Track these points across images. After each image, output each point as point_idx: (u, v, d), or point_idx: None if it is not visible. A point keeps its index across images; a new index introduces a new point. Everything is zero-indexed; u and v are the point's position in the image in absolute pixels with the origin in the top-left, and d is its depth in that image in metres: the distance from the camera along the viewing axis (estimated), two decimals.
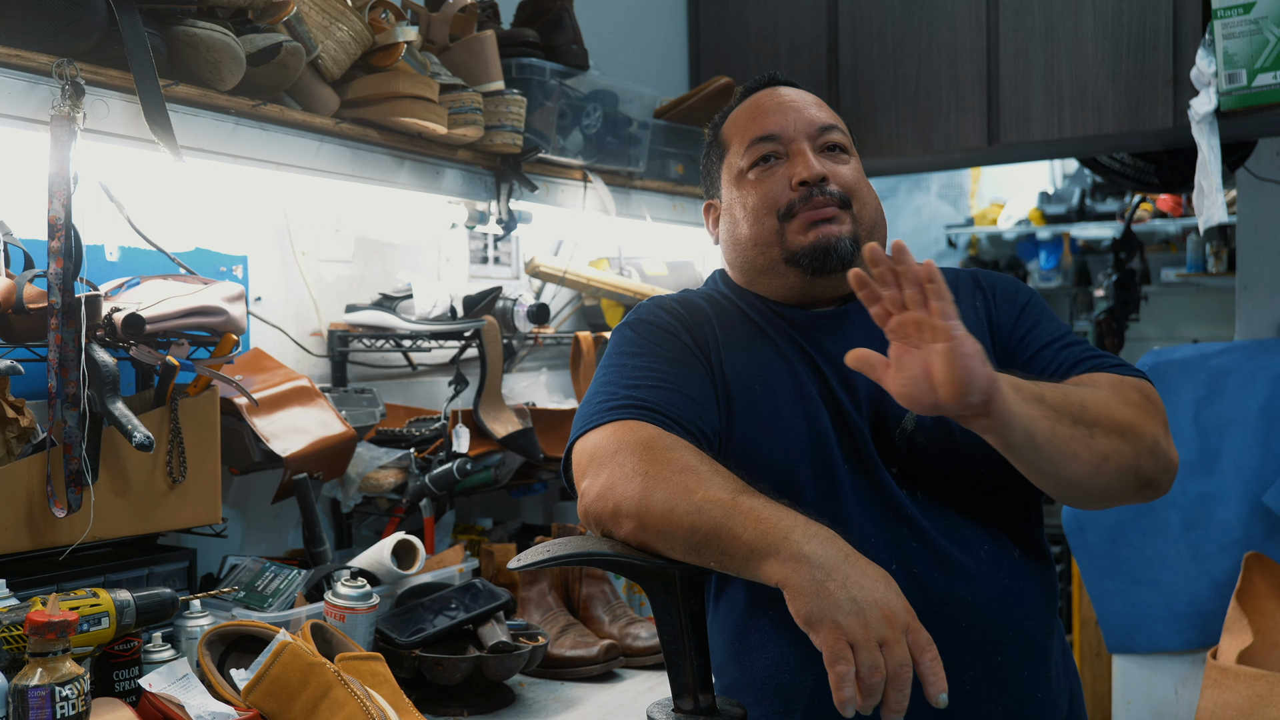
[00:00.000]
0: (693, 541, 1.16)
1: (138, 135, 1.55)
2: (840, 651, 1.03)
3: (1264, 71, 2.38)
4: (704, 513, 1.16)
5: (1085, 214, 5.49)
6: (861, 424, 1.38)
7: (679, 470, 1.22)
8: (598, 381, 1.40)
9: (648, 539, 1.20)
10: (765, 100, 1.53)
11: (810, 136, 1.48)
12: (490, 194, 2.22)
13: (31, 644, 1.22)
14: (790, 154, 1.48)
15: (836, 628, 1.04)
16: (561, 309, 2.94)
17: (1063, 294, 5.86)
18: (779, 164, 1.48)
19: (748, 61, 3.27)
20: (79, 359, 1.49)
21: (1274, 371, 2.70)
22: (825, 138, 1.49)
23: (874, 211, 1.49)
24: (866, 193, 1.49)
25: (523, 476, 2.45)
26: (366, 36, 1.85)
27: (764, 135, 1.49)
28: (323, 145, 1.86)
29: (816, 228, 1.43)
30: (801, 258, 1.43)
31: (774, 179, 1.47)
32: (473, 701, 1.73)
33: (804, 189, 1.44)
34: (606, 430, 1.31)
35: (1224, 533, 2.68)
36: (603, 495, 1.24)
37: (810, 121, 1.49)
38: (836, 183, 1.45)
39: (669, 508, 1.18)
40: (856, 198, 1.46)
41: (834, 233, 1.43)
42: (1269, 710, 2.29)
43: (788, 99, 1.52)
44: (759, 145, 1.49)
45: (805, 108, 1.51)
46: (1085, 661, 3.64)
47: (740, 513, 1.15)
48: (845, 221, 1.44)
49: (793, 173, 1.45)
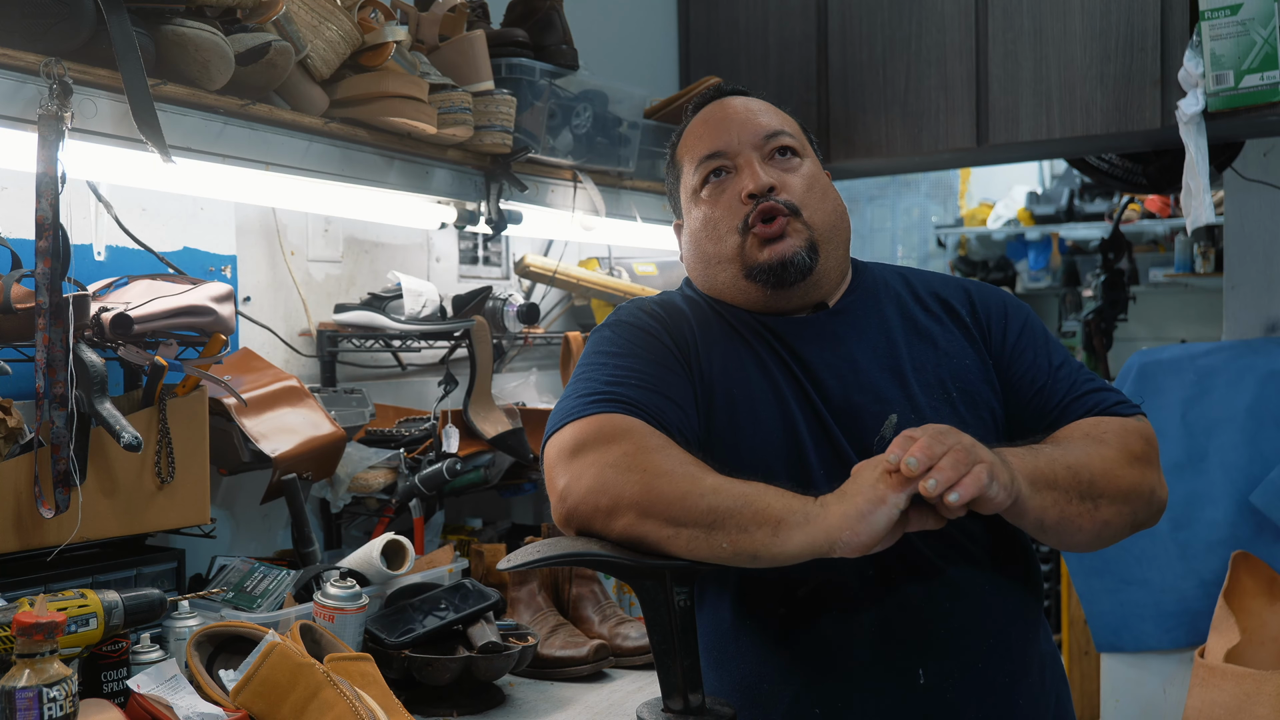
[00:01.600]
0: (709, 520, 1.16)
1: (126, 135, 1.55)
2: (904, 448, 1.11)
3: (1251, 73, 2.39)
4: (722, 491, 1.17)
5: (1074, 214, 5.51)
6: (838, 430, 1.37)
7: (678, 462, 1.21)
8: (575, 380, 1.38)
9: (649, 529, 1.18)
10: (711, 115, 1.52)
11: (756, 146, 1.47)
12: (480, 194, 2.22)
13: (19, 645, 1.22)
14: (738, 167, 1.47)
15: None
16: (551, 309, 2.94)
17: (1051, 294, 5.88)
18: (729, 178, 1.47)
19: (737, 61, 3.27)
20: (67, 359, 1.49)
21: (1261, 371, 2.71)
22: (773, 143, 1.48)
23: (828, 214, 1.47)
24: (818, 198, 1.47)
25: (512, 477, 2.45)
26: (356, 36, 1.84)
27: (710, 152, 1.48)
28: (312, 145, 1.85)
29: (770, 245, 1.42)
30: (759, 274, 1.43)
31: (725, 195, 1.47)
32: (462, 702, 1.73)
33: (752, 201, 1.43)
34: (587, 422, 1.28)
35: (1211, 532, 2.69)
36: (594, 491, 1.22)
37: (755, 130, 1.48)
38: (785, 191, 1.44)
39: (680, 493, 1.17)
40: (807, 205, 1.45)
41: (787, 249, 1.42)
42: (1256, 708, 2.31)
43: (733, 111, 1.51)
44: (707, 162, 1.48)
45: (751, 116, 1.50)
46: (1074, 660, 3.65)
47: (758, 491, 1.17)
48: (798, 231, 1.43)
49: (741, 186, 1.45)
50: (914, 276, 1.55)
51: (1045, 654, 1.42)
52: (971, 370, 1.43)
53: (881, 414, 1.37)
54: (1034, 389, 1.43)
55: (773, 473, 1.34)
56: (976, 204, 6.08)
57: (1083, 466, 1.27)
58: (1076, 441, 1.33)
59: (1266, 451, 2.66)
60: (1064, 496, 1.24)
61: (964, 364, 1.43)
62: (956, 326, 1.47)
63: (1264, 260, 2.99)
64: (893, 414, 1.37)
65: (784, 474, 1.34)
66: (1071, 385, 1.42)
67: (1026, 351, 1.45)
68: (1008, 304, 1.51)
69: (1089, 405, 1.40)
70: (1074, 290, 5.64)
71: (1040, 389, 1.42)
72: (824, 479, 1.35)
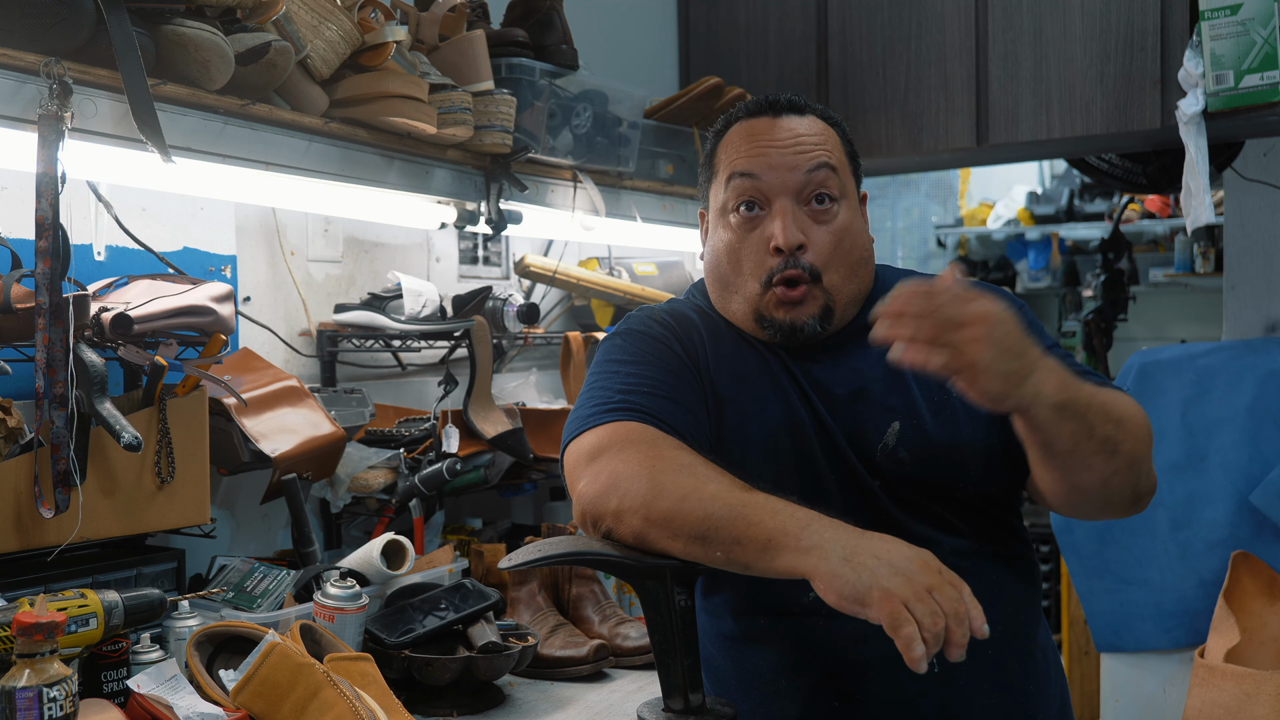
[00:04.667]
0: (702, 530, 1.16)
1: (126, 135, 1.55)
2: (899, 615, 1.05)
3: (1251, 73, 2.39)
4: (718, 501, 1.17)
5: (1074, 214, 5.51)
6: (844, 439, 1.40)
7: (686, 466, 1.23)
8: (589, 387, 1.40)
9: (651, 532, 1.20)
10: (758, 131, 1.47)
11: (794, 191, 1.43)
12: (480, 194, 2.22)
13: (19, 645, 1.22)
14: (771, 209, 1.44)
15: (887, 594, 1.06)
16: (551, 309, 2.94)
17: (1051, 294, 5.88)
18: (761, 216, 1.45)
19: (737, 61, 3.27)
20: (67, 359, 1.49)
21: (1261, 371, 2.71)
22: (812, 186, 1.44)
23: (852, 268, 1.45)
24: (843, 255, 1.44)
25: (512, 477, 2.45)
26: (355, 36, 1.84)
27: (745, 172, 1.45)
28: (311, 145, 1.85)
29: (786, 308, 1.42)
30: (769, 327, 1.44)
31: (753, 236, 1.44)
32: (462, 702, 1.73)
33: (779, 256, 1.42)
34: (604, 430, 1.31)
35: (1211, 532, 2.69)
36: (605, 492, 1.24)
37: (796, 170, 1.43)
38: (811, 251, 1.42)
39: (680, 497, 1.18)
40: (829, 269, 1.43)
41: (802, 316, 1.42)
42: (1255, 709, 2.31)
43: (780, 136, 1.45)
44: (739, 181, 1.45)
45: (798, 154, 1.44)
46: (1074, 660, 3.65)
47: (756, 504, 1.17)
48: (815, 298, 1.42)
49: (770, 235, 1.43)
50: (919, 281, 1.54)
51: (1047, 646, 1.46)
52: None
53: (885, 422, 1.40)
54: None
55: (781, 482, 1.35)
56: (976, 204, 6.08)
57: (1113, 405, 1.29)
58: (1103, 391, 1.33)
59: (1266, 451, 2.66)
60: (1089, 412, 1.24)
61: None
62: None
63: (1264, 260, 2.99)
64: (895, 421, 1.39)
65: (793, 482, 1.37)
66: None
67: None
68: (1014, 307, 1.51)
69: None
70: (1074, 290, 5.64)
71: None
72: (834, 484, 1.39)
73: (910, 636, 1.04)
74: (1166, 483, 2.76)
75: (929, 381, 1.41)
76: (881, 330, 1.15)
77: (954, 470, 1.39)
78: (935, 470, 1.39)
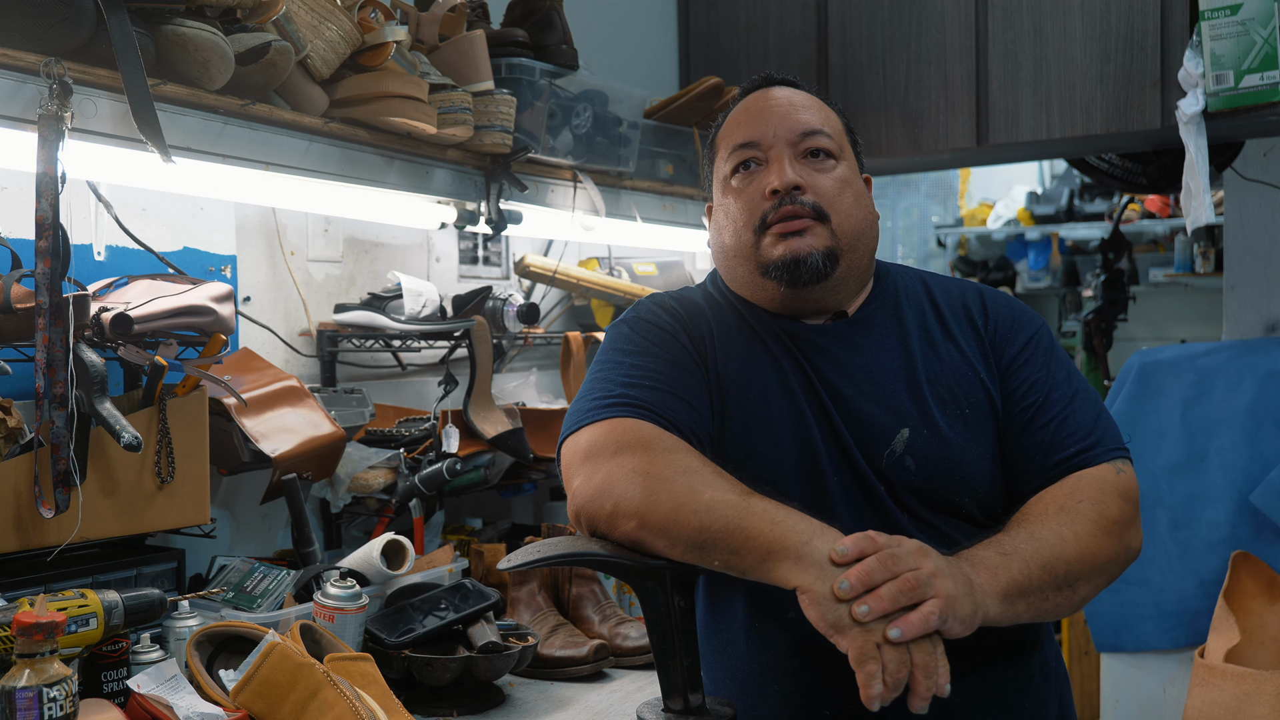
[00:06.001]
0: (700, 540, 1.16)
1: (126, 135, 1.55)
2: (866, 652, 1.06)
3: (1251, 73, 2.39)
4: (715, 511, 1.16)
5: (1074, 214, 5.51)
6: (851, 440, 1.37)
7: (682, 470, 1.21)
8: (592, 378, 1.39)
9: (647, 538, 1.19)
10: (753, 104, 1.50)
11: (791, 143, 1.44)
12: (480, 194, 2.22)
13: (19, 645, 1.22)
14: (768, 160, 1.44)
15: (862, 629, 1.07)
16: (551, 309, 2.94)
17: (1051, 294, 5.88)
18: (758, 171, 1.45)
19: (737, 62, 3.27)
20: (67, 359, 1.49)
21: (1261, 371, 2.71)
22: (808, 143, 1.44)
23: (857, 222, 1.44)
24: (849, 203, 1.43)
25: (512, 477, 2.45)
26: (355, 36, 1.84)
27: (744, 142, 1.46)
28: (311, 145, 1.85)
29: (786, 240, 1.40)
30: (773, 270, 1.41)
31: (751, 188, 1.44)
32: (462, 702, 1.73)
33: (775, 198, 1.41)
34: (601, 427, 1.29)
35: (1211, 532, 2.69)
36: (599, 494, 1.23)
37: (792, 126, 1.44)
38: (812, 192, 1.41)
39: (675, 506, 1.17)
40: (834, 210, 1.41)
41: (803, 246, 1.39)
42: (1255, 708, 2.31)
43: (775, 102, 1.48)
44: (739, 152, 1.46)
45: (792, 111, 1.46)
46: (1074, 660, 3.65)
47: (754, 514, 1.15)
48: (818, 234, 1.40)
49: (767, 181, 1.42)
50: (934, 284, 1.53)
51: (1049, 656, 1.44)
52: (985, 385, 1.42)
53: (894, 427, 1.37)
54: (1027, 415, 1.40)
55: (785, 479, 1.34)
56: (976, 204, 6.08)
57: (1057, 558, 1.23)
58: (1050, 521, 1.28)
59: (1266, 451, 2.66)
60: (1039, 596, 1.21)
61: (977, 378, 1.42)
62: (973, 337, 1.46)
63: (1264, 260, 2.99)
64: (904, 428, 1.37)
65: (796, 481, 1.35)
66: (1064, 447, 1.37)
67: (1025, 368, 1.43)
68: (1017, 317, 1.48)
69: (1075, 462, 1.36)
70: (1074, 290, 5.64)
71: (1029, 421, 1.39)
72: (837, 486, 1.36)
73: (872, 675, 1.05)
74: (1167, 483, 2.77)
75: (941, 390, 1.40)
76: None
77: (959, 485, 1.37)
78: (940, 482, 1.36)
